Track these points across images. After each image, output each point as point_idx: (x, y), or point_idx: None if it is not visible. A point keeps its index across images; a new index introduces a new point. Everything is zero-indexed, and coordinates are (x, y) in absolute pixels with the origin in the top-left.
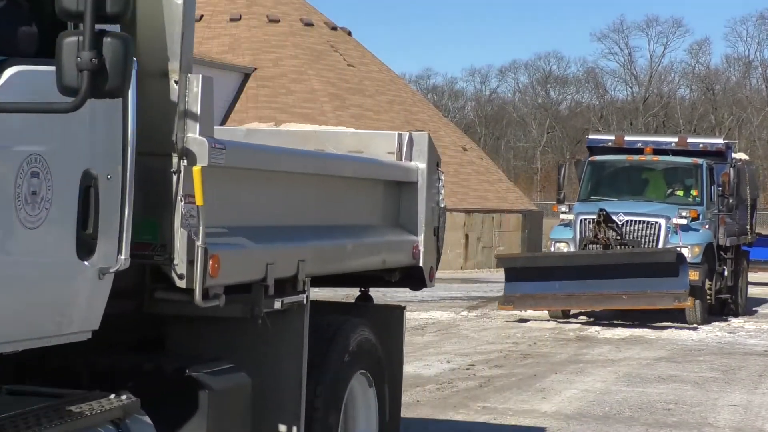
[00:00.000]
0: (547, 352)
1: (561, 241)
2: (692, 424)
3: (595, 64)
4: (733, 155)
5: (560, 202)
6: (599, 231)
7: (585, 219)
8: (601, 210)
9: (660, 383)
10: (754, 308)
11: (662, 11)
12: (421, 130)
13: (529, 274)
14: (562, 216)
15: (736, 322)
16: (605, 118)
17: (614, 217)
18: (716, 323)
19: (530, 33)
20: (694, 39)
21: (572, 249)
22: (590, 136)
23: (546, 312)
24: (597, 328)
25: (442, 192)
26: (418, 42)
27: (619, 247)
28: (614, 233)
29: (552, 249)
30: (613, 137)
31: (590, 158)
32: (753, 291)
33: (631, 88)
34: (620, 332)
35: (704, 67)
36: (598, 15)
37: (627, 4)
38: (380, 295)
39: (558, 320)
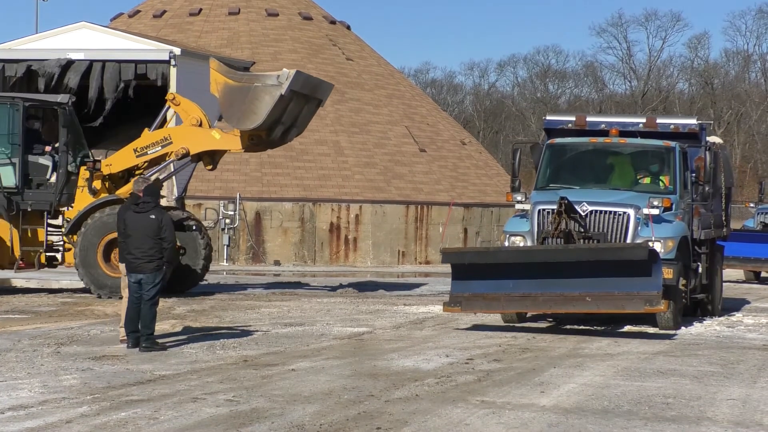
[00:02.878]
0: (546, 346)
1: (516, 234)
2: (691, 418)
3: (594, 58)
4: (707, 138)
5: (515, 190)
6: (560, 223)
7: (543, 209)
8: (561, 199)
9: (659, 377)
10: (729, 308)
11: (661, 5)
12: None
13: (480, 272)
14: (517, 206)
15: (735, 316)
16: (604, 112)
17: (577, 207)
18: (716, 318)
19: (529, 27)
20: (692, 33)
21: (529, 243)
22: (548, 117)
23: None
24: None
25: None
26: (416, 36)
27: (582, 241)
28: (577, 225)
29: (506, 244)
30: (573, 118)
31: (549, 141)
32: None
33: (629, 82)
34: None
35: (703, 61)
36: (596, 9)
37: None
38: (380, 294)
39: (514, 324)
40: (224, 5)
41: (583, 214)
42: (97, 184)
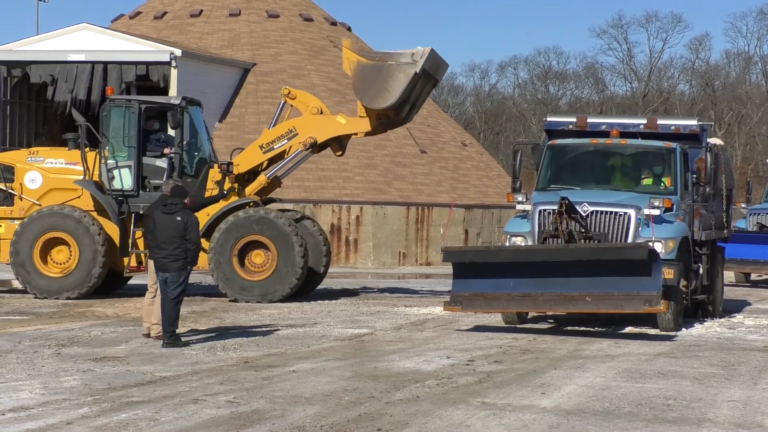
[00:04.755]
0: (547, 347)
1: (517, 234)
2: (692, 420)
3: (595, 59)
4: (708, 139)
5: (516, 191)
6: (560, 223)
7: (544, 210)
8: (562, 199)
9: (660, 379)
10: (730, 310)
11: (661, 6)
12: None
13: (480, 271)
14: (518, 207)
15: (736, 317)
16: (605, 113)
17: (577, 208)
18: (717, 319)
19: (530, 28)
20: (693, 34)
21: (530, 244)
22: (548, 118)
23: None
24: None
25: None
26: (417, 37)
27: (582, 241)
28: (577, 225)
29: (507, 244)
30: (574, 119)
31: (549, 142)
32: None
33: (630, 83)
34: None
35: (704, 62)
36: (597, 10)
37: (626, 0)
38: (381, 295)
39: (515, 325)
40: (225, 6)
41: (583, 214)
42: (226, 186)
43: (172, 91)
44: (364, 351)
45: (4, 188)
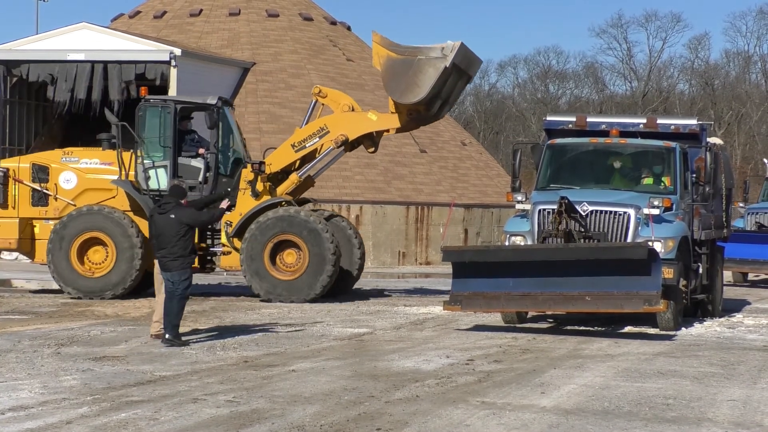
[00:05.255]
0: (546, 346)
1: (516, 234)
2: (691, 419)
3: (594, 59)
4: (708, 139)
5: (515, 190)
6: (560, 222)
7: (544, 209)
8: (562, 199)
9: (659, 378)
10: (730, 309)
11: (661, 6)
12: None
13: (480, 270)
14: (518, 206)
15: (736, 317)
16: (604, 112)
17: (577, 207)
18: (716, 319)
19: (529, 28)
20: (693, 34)
21: (530, 243)
22: (548, 118)
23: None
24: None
25: None
26: (417, 37)
27: (582, 240)
28: (577, 225)
29: (507, 244)
30: (573, 118)
31: (549, 141)
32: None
33: (630, 83)
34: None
35: (703, 62)
36: (596, 10)
37: None
38: (381, 295)
39: (514, 325)
40: (225, 6)
41: (583, 213)
42: (258, 185)
43: (172, 90)
44: (363, 350)
45: (39, 188)
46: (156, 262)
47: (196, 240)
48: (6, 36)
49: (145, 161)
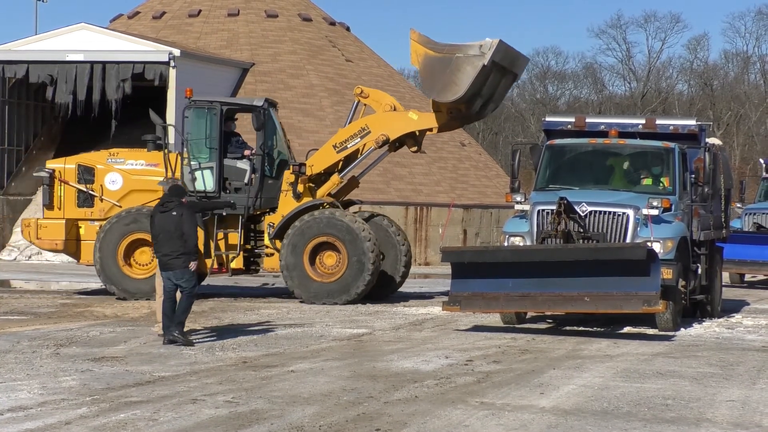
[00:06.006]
0: (545, 347)
1: (516, 234)
2: (690, 420)
3: (594, 59)
4: (707, 139)
5: (514, 191)
6: (559, 223)
7: (543, 210)
8: (561, 199)
9: (658, 379)
10: (729, 310)
11: (660, 6)
12: None
13: (479, 271)
14: (517, 207)
15: (734, 317)
16: (603, 113)
17: (576, 208)
18: (715, 319)
19: (528, 28)
20: (692, 34)
21: (529, 244)
22: (547, 118)
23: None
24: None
25: None
26: None
27: (581, 241)
28: (576, 225)
29: (506, 244)
30: (572, 119)
31: (548, 142)
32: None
33: (629, 83)
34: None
35: (702, 62)
36: (595, 10)
37: (625, 0)
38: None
39: (513, 325)
40: (223, 6)
41: (582, 214)
42: (299, 187)
43: (170, 91)
44: (362, 351)
45: (85, 190)
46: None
47: (238, 240)
48: (5, 36)
49: (191, 162)
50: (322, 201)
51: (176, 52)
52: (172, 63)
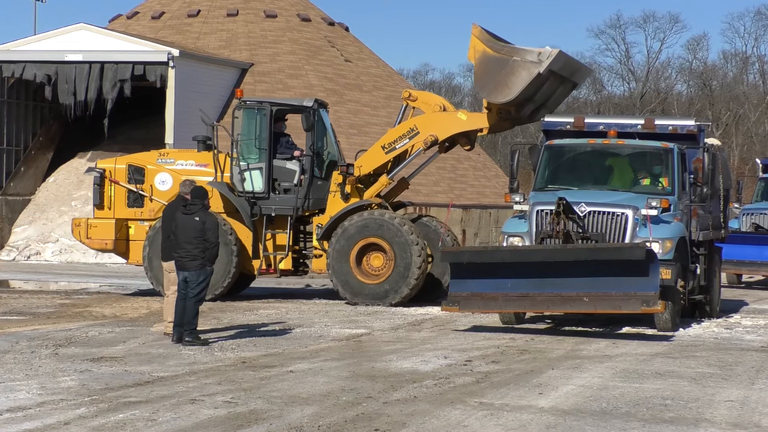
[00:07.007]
0: (544, 347)
1: (515, 235)
2: (689, 420)
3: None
4: (705, 140)
5: (513, 191)
6: (558, 223)
7: (542, 210)
8: (560, 200)
9: (657, 379)
10: (728, 310)
11: (659, 7)
12: None
13: (478, 271)
14: (516, 207)
15: (733, 318)
16: (602, 113)
17: (575, 208)
18: (714, 319)
19: (528, 28)
20: (691, 35)
21: (528, 244)
22: (546, 118)
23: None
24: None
25: None
26: (415, 37)
27: (580, 241)
28: (575, 226)
29: (505, 244)
30: (571, 119)
31: (547, 142)
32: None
33: (628, 83)
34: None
35: (701, 62)
36: (595, 11)
37: (624, 0)
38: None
39: (512, 325)
40: (223, 7)
41: (581, 214)
42: (347, 188)
43: (169, 91)
44: (361, 351)
45: (135, 190)
46: (169, 263)
47: (287, 241)
48: (4, 36)
49: (240, 163)
50: (369, 202)
51: (175, 52)
52: (171, 63)
